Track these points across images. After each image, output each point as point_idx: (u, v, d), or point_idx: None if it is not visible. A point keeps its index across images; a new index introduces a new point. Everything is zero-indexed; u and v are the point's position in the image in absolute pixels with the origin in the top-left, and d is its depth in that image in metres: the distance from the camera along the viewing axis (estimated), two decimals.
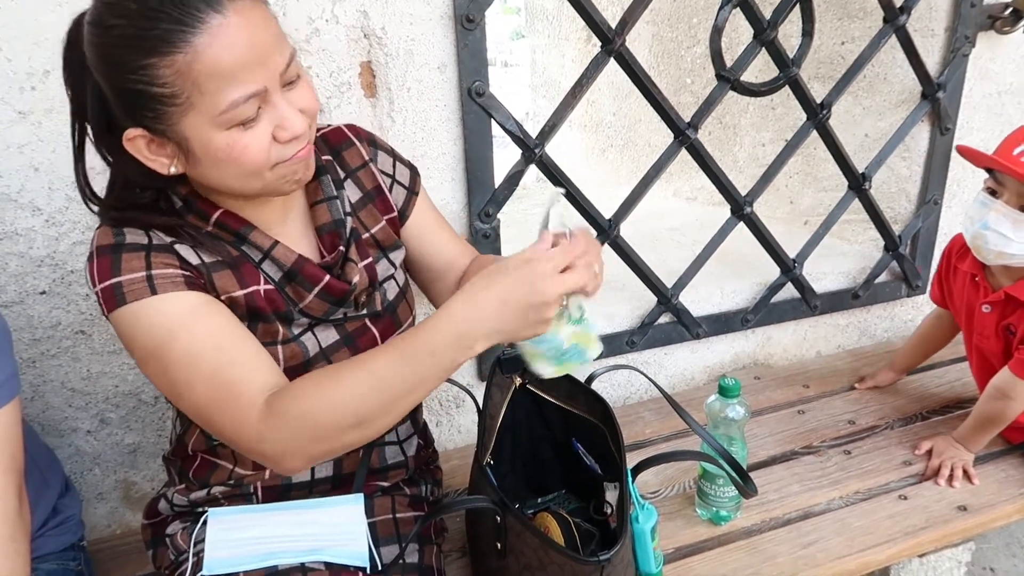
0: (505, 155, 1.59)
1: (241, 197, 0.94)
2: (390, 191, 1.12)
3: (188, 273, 0.91)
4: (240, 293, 0.95)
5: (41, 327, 1.31)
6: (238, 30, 0.79)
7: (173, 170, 0.87)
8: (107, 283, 0.88)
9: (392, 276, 1.11)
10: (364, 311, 1.06)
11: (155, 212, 0.93)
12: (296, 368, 0.99)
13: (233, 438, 0.90)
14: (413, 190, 1.15)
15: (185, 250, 0.92)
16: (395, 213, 1.12)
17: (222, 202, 0.95)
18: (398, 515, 1.13)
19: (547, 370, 0.95)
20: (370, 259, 1.06)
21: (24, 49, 1.16)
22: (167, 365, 0.89)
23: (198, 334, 0.89)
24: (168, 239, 0.91)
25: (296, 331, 1.01)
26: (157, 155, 0.86)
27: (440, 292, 1.20)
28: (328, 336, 1.03)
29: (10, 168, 1.21)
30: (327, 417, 0.86)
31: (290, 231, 1.02)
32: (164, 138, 0.84)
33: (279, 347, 0.98)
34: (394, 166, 1.13)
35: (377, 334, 1.07)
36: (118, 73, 0.80)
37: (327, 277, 0.99)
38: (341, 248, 1.01)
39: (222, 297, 0.94)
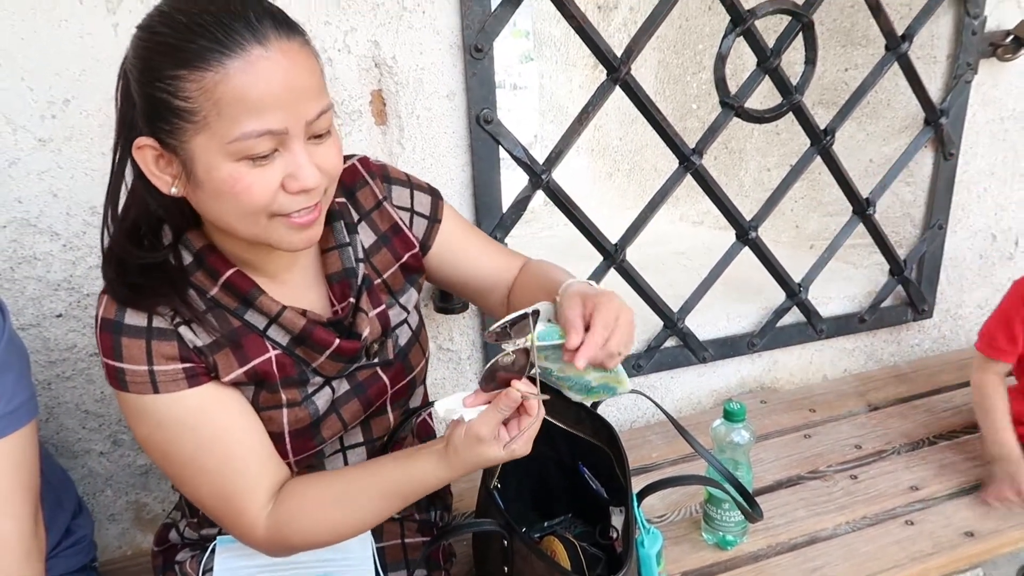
0: (512, 176, 1.62)
1: (243, 241, 0.90)
2: (410, 226, 1.09)
3: (189, 364, 0.90)
4: (241, 371, 0.93)
5: (57, 349, 1.33)
6: (275, 66, 0.78)
7: (174, 191, 0.85)
8: (110, 363, 0.89)
9: (405, 320, 1.10)
10: (376, 359, 1.05)
11: (159, 272, 0.91)
12: (303, 431, 0.99)
13: (236, 537, 0.99)
14: (435, 218, 1.12)
15: (187, 332, 0.90)
16: (416, 248, 1.10)
17: (235, 257, 0.94)
18: (407, 540, 1.14)
19: (575, 397, 1.03)
20: (383, 306, 1.04)
21: (45, 79, 1.19)
22: (170, 464, 0.94)
23: (202, 442, 0.91)
24: (170, 320, 0.89)
25: (311, 390, 0.99)
26: (163, 172, 0.84)
27: (492, 306, 1.19)
28: (340, 387, 1.02)
29: (30, 194, 1.23)
30: (326, 537, 0.97)
31: (298, 279, 1.00)
32: (173, 154, 0.82)
33: (283, 411, 0.97)
34: (412, 197, 1.10)
35: (387, 381, 1.06)
36: (149, 78, 0.80)
37: (337, 341, 0.97)
38: (351, 300, 1.00)
39: (224, 379, 0.92)
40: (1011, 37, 1.78)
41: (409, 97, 1.40)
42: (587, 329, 0.89)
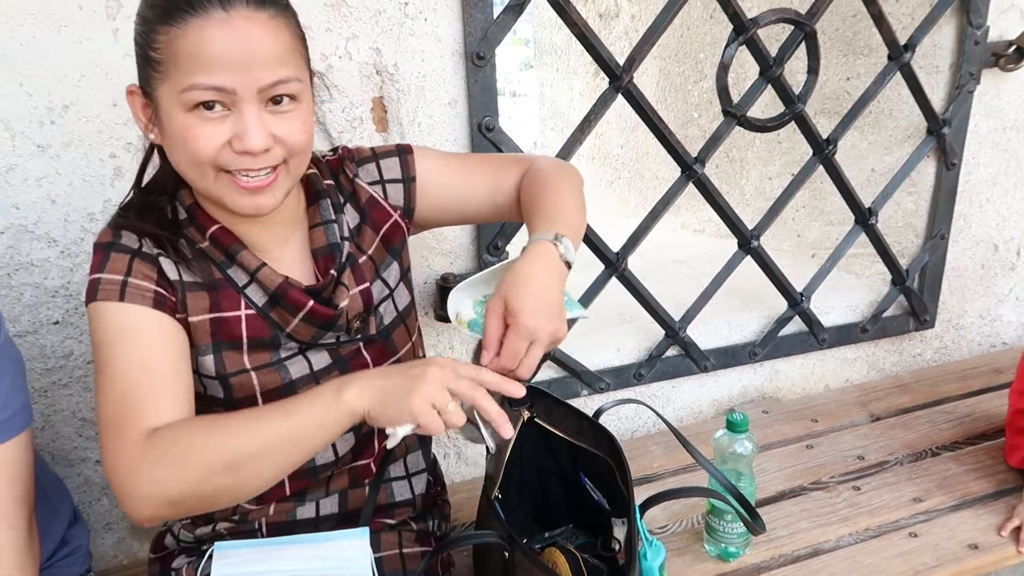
0: None
1: (201, 194, 0.97)
2: (385, 196, 1.11)
3: (161, 290, 0.94)
4: (207, 317, 0.97)
5: (53, 357, 1.32)
6: (231, 29, 0.84)
7: (152, 136, 0.93)
8: (92, 276, 0.94)
9: (389, 298, 1.11)
10: (359, 336, 1.06)
11: (159, 220, 0.98)
12: (275, 392, 1.00)
13: (111, 464, 0.88)
14: (409, 177, 1.12)
15: (168, 264, 0.96)
16: (394, 217, 1.11)
17: (221, 218, 0.98)
18: (405, 550, 1.13)
19: None
20: (367, 284, 1.06)
21: (45, 84, 1.18)
22: (99, 367, 0.92)
23: (135, 352, 0.91)
24: (156, 250, 0.96)
25: (284, 354, 1.02)
26: (147, 118, 0.92)
27: (507, 216, 1.17)
28: (320, 360, 1.04)
29: (28, 200, 1.23)
30: (200, 453, 0.86)
31: (289, 254, 1.04)
32: (149, 101, 0.90)
33: (252, 375, 0.99)
34: (379, 169, 1.12)
35: (370, 360, 1.08)
36: (138, 31, 0.89)
37: (311, 302, 0.99)
38: (333, 272, 1.02)
39: (190, 318, 0.96)
40: (1013, 47, 1.78)
41: (411, 104, 1.39)
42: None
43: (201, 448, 0.86)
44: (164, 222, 0.98)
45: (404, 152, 1.14)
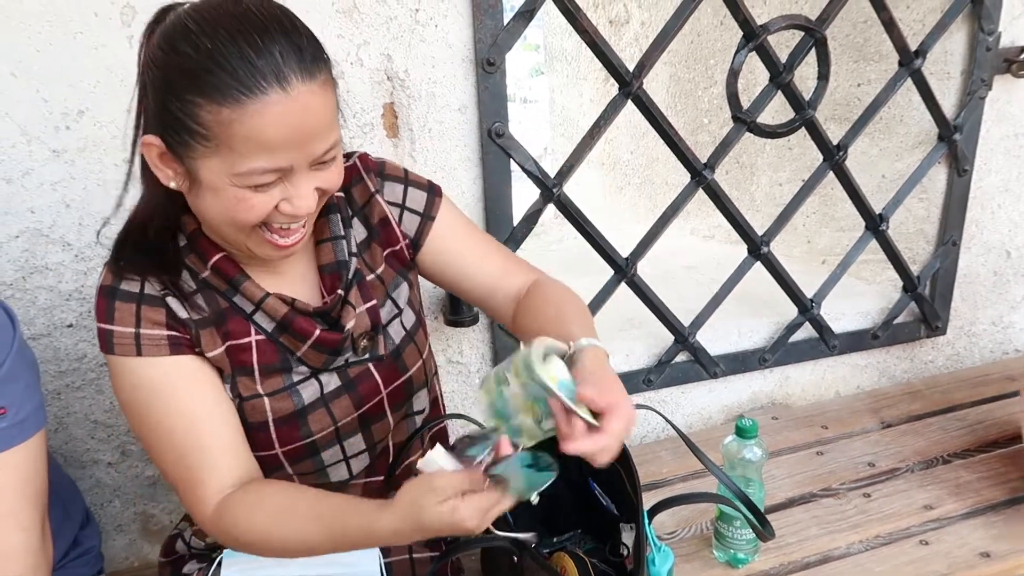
0: (523, 187, 1.61)
1: (224, 240, 0.95)
2: (399, 221, 1.09)
3: (175, 333, 0.94)
4: (222, 349, 0.97)
5: (67, 359, 1.33)
6: (291, 111, 0.80)
7: (173, 185, 0.89)
8: (102, 326, 0.93)
9: (397, 318, 1.09)
10: (367, 355, 1.05)
11: (158, 255, 0.95)
12: (287, 418, 1.00)
13: (190, 512, 0.98)
14: (429, 215, 1.10)
15: (175, 303, 0.94)
16: (401, 244, 1.10)
17: (225, 244, 0.96)
18: (415, 555, 1.13)
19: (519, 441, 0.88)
20: (374, 302, 1.05)
21: (60, 90, 1.20)
22: (142, 427, 0.96)
23: (172, 409, 0.94)
24: (160, 289, 0.94)
25: (296, 379, 1.01)
26: (166, 167, 0.88)
27: (494, 310, 1.13)
28: (331, 382, 1.03)
29: (43, 204, 1.24)
30: (260, 545, 0.94)
31: (291, 269, 1.02)
32: (178, 161, 0.86)
33: (265, 400, 0.99)
34: (405, 193, 1.10)
35: (380, 380, 1.06)
36: (167, 92, 0.82)
37: (317, 331, 0.98)
38: (340, 292, 1.01)
39: (207, 353, 0.96)
40: None
41: (421, 110, 1.40)
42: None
43: (260, 544, 0.94)
44: (164, 257, 0.95)
45: (434, 192, 1.12)
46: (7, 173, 1.21)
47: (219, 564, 1.06)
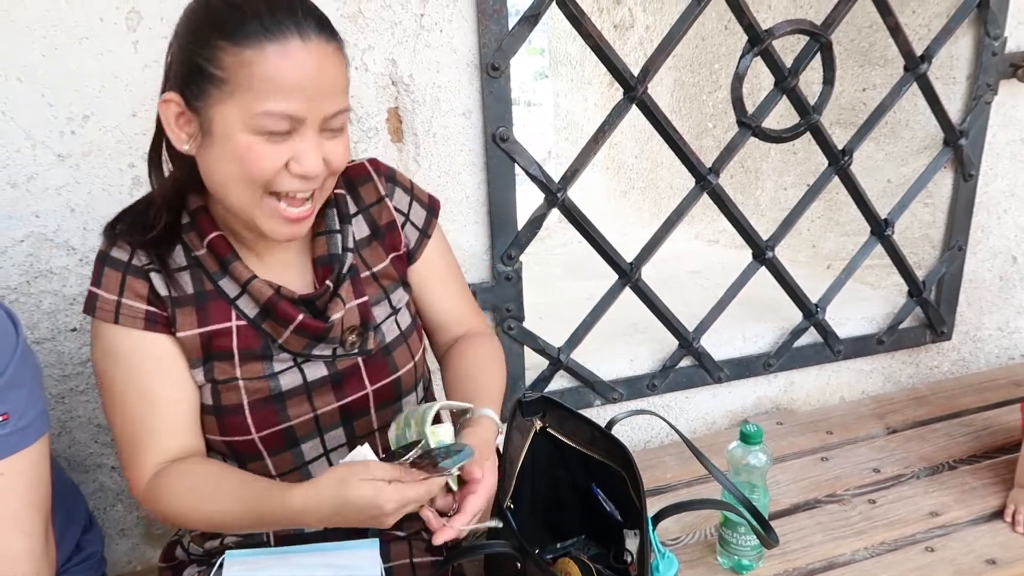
0: (527, 191, 1.61)
1: (232, 211, 0.96)
2: (402, 228, 1.13)
3: (153, 309, 0.97)
4: (196, 332, 0.99)
5: (71, 363, 1.33)
6: (308, 58, 0.86)
7: (186, 147, 0.91)
8: (90, 288, 0.97)
9: (391, 317, 1.11)
10: (355, 351, 1.06)
11: (152, 227, 0.97)
12: (264, 401, 1.02)
13: (125, 474, 1.02)
14: (426, 232, 1.15)
15: (158, 279, 0.97)
16: (403, 251, 1.13)
17: (225, 225, 0.99)
18: (415, 560, 1.13)
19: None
20: (365, 298, 1.06)
21: (66, 95, 1.20)
22: (103, 390, 1.01)
23: (132, 381, 0.98)
24: (146, 262, 0.97)
25: (278, 367, 1.02)
26: (181, 128, 0.91)
27: (433, 343, 1.23)
28: (315, 371, 1.04)
29: (48, 208, 1.24)
30: (183, 517, 1.00)
31: (284, 258, 1.04)
32: (194, 114, 0.89)
33: (240, 383, 1.01)
34: (410, 205, 1.14)
35: (366, 376, 1.07)
36: (190, 42, 0.87)
37: (300, 316, 1.00)
38: (328, 284, 1.02)
39: (178, 333, 0.98)
40: None
41: (426, 115, 1.40)
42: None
43: (188, 510, 0.98)
44: (159, 231, 0.98)
45: (433, 211, 1.17)
46: (12, 177, 1.22)
47: (220, 567, 1.06)
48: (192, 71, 0.87)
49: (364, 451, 0.93)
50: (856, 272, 1.85)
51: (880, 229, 1.82)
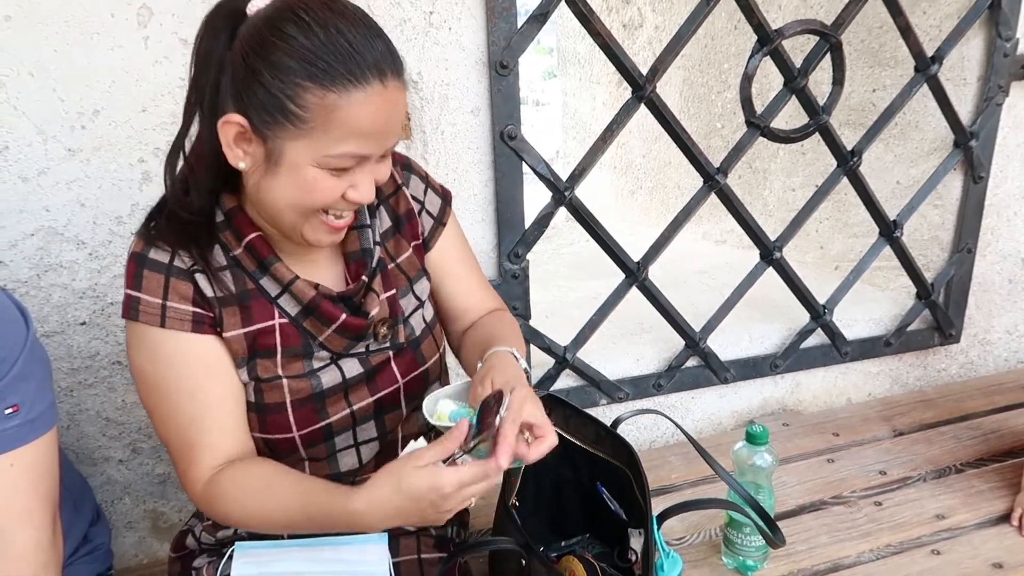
0: (535, 190, 1.62)
1: (279, 227, 0.96)
2: (419, 216, 1.13)
3: (199, 311, 0.96)
4: (241, 332, 0.98)
5: (80, 357, 1.34)
6: (386, 103, 0.87)
7: (242, 165, 0.90)
8: (129, 292, 0.95)
9: (419, 309, 1.12)
10: (387, 344, 1.07)
11: (192, 225, 0.95)
12: (305, 401, 1.02)
13: (181, 481, 1.02)
14: (441, 220, 1.15)
15: (203, 280, 0.96)
16: (420, 239, 1.14)
17: (261, 224, 0.98)
18: (423, 556, 1.13)
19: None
20: (394, 291, 1.07)
21: (77, 90, 1.21)
22: (151, 396, 0.99)
23: (183, 386, 0.97)
24: (189, 264, 0.95)
25: (317, 364, 1.02)
26: (238, 147, 0.89)
27: (450, 333, 1.22)
28: (351, 368, 1.05)
29: (58, 203, 1.25)
30: (242, 520, 1.00)
31: (317, 255, 1.04)
32: (260, 140, 0.87)
33: (284, 381, 1.01)
34: (425, 192, 1.14)
35: (397, 371, 1.08)
36: (268, 73, 0.84)
37: (343, 316, 1.00)
38: (364, 279, 1.03)
39: (225, 334, 0.98)
40: None
41: (434, 112, 1.40)
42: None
43: (247, 514, 0.98)
44: (198, 230, 0.96)
45: (447, 200, 1.17)
46: (23, 171, 1.22)
47: (230, 557, 1.07)
48: (268, 102, 0.85)
49: (417, 445, 0.92)
50: (864, 274, 1.84)
51: (889, 231, 1.81)
